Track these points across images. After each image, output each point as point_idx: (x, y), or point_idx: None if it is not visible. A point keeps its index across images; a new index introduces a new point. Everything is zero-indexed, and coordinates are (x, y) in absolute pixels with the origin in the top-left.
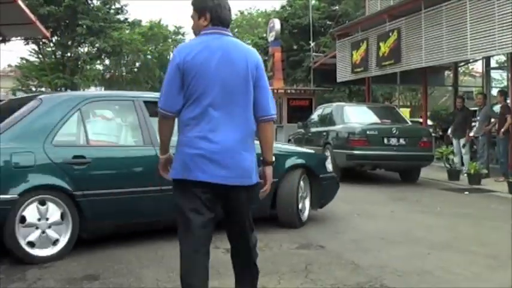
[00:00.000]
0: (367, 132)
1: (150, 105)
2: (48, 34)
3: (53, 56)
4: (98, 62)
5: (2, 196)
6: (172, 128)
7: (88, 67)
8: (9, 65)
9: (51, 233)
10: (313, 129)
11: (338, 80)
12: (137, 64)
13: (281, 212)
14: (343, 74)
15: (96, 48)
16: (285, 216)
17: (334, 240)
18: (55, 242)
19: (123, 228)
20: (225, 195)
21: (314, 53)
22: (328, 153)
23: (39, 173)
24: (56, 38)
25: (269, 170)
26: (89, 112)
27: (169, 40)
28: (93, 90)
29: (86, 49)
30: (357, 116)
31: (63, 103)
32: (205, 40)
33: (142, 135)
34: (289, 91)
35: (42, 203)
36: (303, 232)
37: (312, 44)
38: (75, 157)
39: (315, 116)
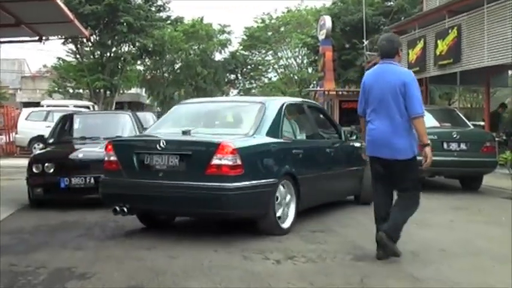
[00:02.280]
0: (432, 137)
1: (311, 108)
2: (87, 33)
3: (92, 56)
4: (139, 62)
5: (269, 180)
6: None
7: (129, 68)
8: (44, 66)
9: (287, 210)
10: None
11: None
12: (178, 64)
13: (363, 194)
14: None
15: (137, 48)
16: (368, 195)
17: None
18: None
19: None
20: (387, 165)
21: (367, 52)
22: None
23: (283, 162)
24: (94, 37)
25: (426, 149)
26: (286, 113)
27: (215, 40)
28: (136, 92)
29: (126, 48)
30: None
31: (279, 106)
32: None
33: (317, 130)
34: (340, 93)
35: (282, 185)
36: (357, 242)
37: (366, 42)
38: (296, 148)
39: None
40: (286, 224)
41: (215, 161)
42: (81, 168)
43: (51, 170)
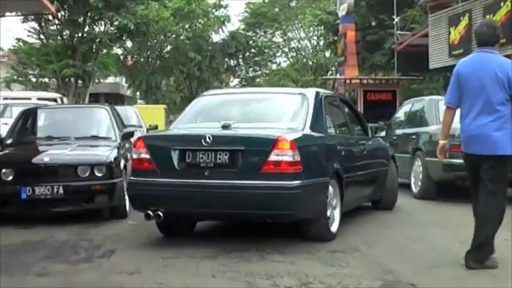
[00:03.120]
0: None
1: (340, 101)
2: (53, 8)
3: (59, 37)
4: (118, 45)
5: (323, 178)
6: (453, 118)
7: (105, 51)
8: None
9: (333, 213)
10: (398, 131)
11: (431, 66)
12: (167, 47)
13: (386, 197)
14: (438, 57)
15: (115, 27)
16: (391, 199)
17: (428, 277)
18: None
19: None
20: (484, 162)
21: (399, 31)
22: (418, 162)
23: (332, 159)
24: (63, 13)
25: None
26: (325, 106)
27: (211, 17)
28: (115, 82)
29: (102, 28)
30: (457, 114)
31: (320, 98)
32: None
33: (349, 127)
34: (365, 81)
35: (331, 185)
36: (386, 265)
37: (396, 20)
38: (339, 145)
39: (400, 114)
40: (334, 228)
41: (273, 157)
42: (46, 175)
43: (10, 178)
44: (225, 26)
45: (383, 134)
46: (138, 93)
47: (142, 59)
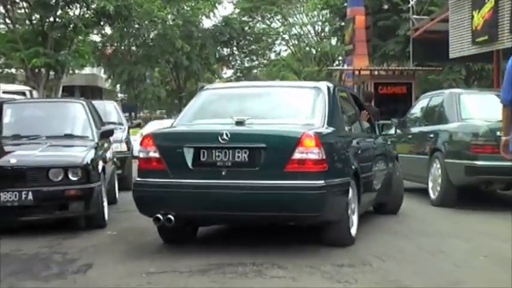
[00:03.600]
0: (498, 133)
1: (350, 95)
2: None
3: (28, 22)
4: (95, 31)
5: (345, 178)
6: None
7: (80, 38)
8: None
9: (352, 215)
10: (414, 129)
11: (451, 56)
12: (152, 34)
13: (391, 200)
14: (459, 46)
15: (92, 11)
16: (396, 202)
17: None
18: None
19: None
20: None
21: (414, 16)
22: (437, 165)
23: (352, 158)
24: None
25: None
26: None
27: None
28: (92, 73)
29: (77, 11)
30: (482, 110)
31: (334, 92)
32: None
33: (361, 123)
34: (376, 72)
35: (351, 186)
36: (401, 281)
37: (412, 2)
38: (356, 143)
39: (416, 110)
40: (353, 232)
41: (297, 155)
42: (14, 179)
43: None
44: (216, 9)
45: (391, 131)
46: (118, 86)
47: (123, 48)
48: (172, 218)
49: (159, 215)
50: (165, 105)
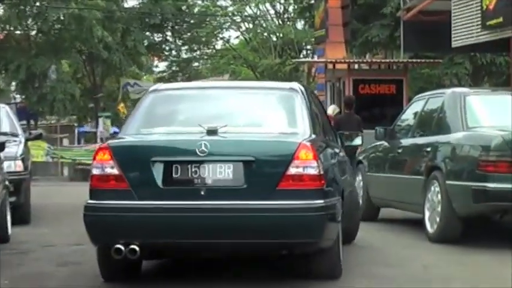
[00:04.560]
0: None
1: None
2: None
3: None
4: None
5: (337, 197)
6: None
7: None
8: None
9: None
10: (406, 142)
11: (454, 44)
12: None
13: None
14: (464, 31)
15: None
16: (353, 229)
17: None
18: None
19: None
20: None
21: None
22: (435, 188)
23: (339, 173)
24: None
25: None
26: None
27: None
28: None
29: None
30: (494, 115)
31: (308, 94)
32: None
33: (334, 132)
34: (356, 66)
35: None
36: None
37: None
38: (338, 155)
39: (408, 115)
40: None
41: (293, 170)
42: None
43: None
44: None
45: (358, 141)
46: (13, 84)
47: (19, 32)
48: (137, 248)
49: (119, 246)
50: (76, 109)
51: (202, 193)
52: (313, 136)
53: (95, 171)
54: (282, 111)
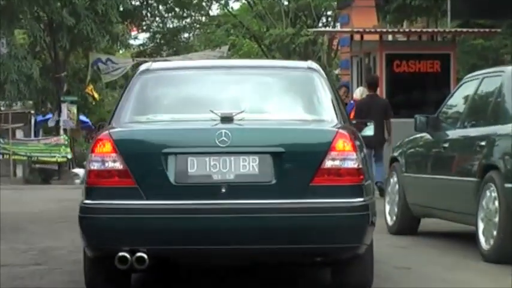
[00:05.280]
0: None
1: None
2: None
3: None
4: None
5: (373, 196)
6: None
7: None
8: None
9: None
10: (453, 133)
11: None
12: None
13: None
14: None
15: None
16: None
17: None
18: None
19: None
20: None
21: None
22: (492, 193)
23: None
24: None
25: None
26: None
27: None
28: None
29: None
30: None
31: (327, 75)
32: None
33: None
34: (390, 37)
35: None
36: None
37: None
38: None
39: (456, 100)
40: None
41: (329, 163)
42: None
43: None
44: None
45: (369, 132)
46: None
47: None
48: (145, 256)
49: (124, 253)
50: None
51: (223, 191)
52: (342, 124)
53: (94, 166)
54: (303, 94)
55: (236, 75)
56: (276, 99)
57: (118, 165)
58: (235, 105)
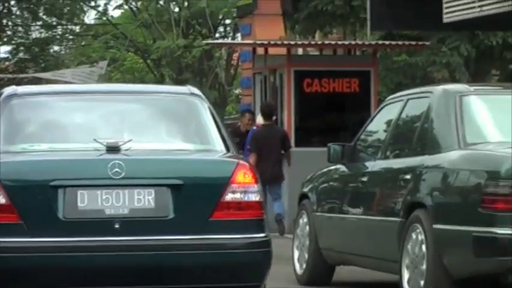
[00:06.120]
0: None
1: None
2: None
3: None
4: None
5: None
6: None
7: None
8: None
9: None
10: (374, 165)
11: (446, 19)
12: None
13: None
14: (462, 1)
15: None
16: None
17: None
18: None
19: None
20: None
21: None
22: (418, 235)
23: None
24: None
25: None
26: None
27: None
28: None
29: None
30: (504, 125)
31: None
32: None
33: None
34: (301, 50)
35: None
36: None
37: None
38: None
39: (377, 125)
40: None
41: (229, 196)
42: None
43: None
44: None
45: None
46: None
47: None
48: None
49: None
50: None
51: (116, 226)
52: (230, 153)
53: None
54: (188, 122)
55: (115, 102)
56: (161, 127)
57: (2, 200)
58: (118, 133)
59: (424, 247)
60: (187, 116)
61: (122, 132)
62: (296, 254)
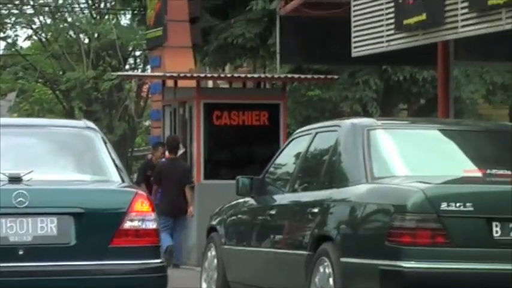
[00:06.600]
0: (446, 205)
1: None
2: None
3: None
4: None
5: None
6: None
7: None
8: None
9: None
10: (282, 198)
11: (355, 53)
12: None
13: None
14: (370, 34)
15: None
16: None
17: None
18: None
19: None
20: None
21: None
22: (325, 269)
23: None
24: None
25: None
26: None
27: None
28: None
29: None
30: (411, 159)
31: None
32: None
33: None
34: (211, 83)
35: None
36: None
37: None
38: None
39: (285, 159)
40: None
41: (128, 224)
42: None
43: None
44: None
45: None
46: None
47: None
48: None
49: None
50: None
51: (20, 253)
52: (126, 183)
53: None
54: (85, 155)
55: (14, 136)
56: (59, 159)
57: None
58: (18, 165)
59: (331, 280)
60: (84, 149)
61: (21, 164)
62: (204, 286)
